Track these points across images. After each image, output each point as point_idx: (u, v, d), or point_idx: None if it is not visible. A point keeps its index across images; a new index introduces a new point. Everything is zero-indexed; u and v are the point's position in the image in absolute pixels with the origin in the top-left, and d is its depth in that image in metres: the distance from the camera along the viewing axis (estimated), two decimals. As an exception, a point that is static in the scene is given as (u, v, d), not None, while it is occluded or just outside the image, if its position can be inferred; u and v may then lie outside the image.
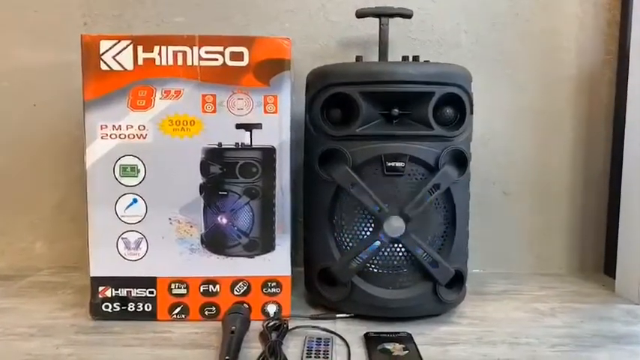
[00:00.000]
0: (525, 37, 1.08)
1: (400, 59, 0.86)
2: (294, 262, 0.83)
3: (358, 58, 0.85)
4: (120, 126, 0.78)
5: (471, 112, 0.83)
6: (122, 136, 0.78)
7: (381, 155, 0.77)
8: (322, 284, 0.83)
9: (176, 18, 1.08)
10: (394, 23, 0.98)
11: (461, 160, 0.81)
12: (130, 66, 0.77)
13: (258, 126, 0.78)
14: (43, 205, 1.12)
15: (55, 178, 1.11)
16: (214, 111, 0.78)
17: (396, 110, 0.79)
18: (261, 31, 1.08)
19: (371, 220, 0.79)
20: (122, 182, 0.79)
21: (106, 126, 0.78)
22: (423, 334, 0.77)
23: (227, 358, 0.64)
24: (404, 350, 0.69)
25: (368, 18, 0.96)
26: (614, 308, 0.90)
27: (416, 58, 0.85)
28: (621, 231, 0.97)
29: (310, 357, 0.68)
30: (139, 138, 0.78)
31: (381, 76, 0.78)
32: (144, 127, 0.78)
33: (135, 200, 0.79)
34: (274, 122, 0.79)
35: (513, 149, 1.11)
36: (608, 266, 1.10)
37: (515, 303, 0.92)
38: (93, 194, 0.79)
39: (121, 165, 0.79)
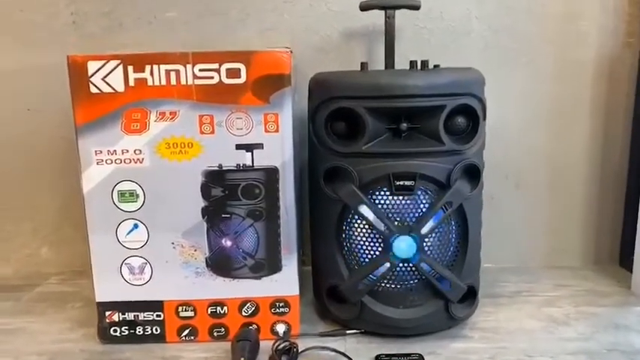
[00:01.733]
0: (541, 20, 1.01)
1: (408, 63, 0.81)
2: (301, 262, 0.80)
3: (363, 66, 0.80)
4: (115, 151, 0.75)
5: (484, 119, 0.78)
6: (118, 161, 0.75)
7: (389, 174, 0.74)
8: (331, 301, 0.82)
9: (168, 13, 1.02)
10: (401, 11, 0.91)
11: (474, 174, 0.77)
12: (120, 87, 0.73)
13: (259, 146, 0.75)
14: (45, 210, 1.10)
15: (55, 183, 1.09)
16: (212, 132, 0.74)
17: (405, 125, 0.74)
18: (259, 24, 1.02)
19: (380, 240, 0.76)
20: (121, 208, 0.76)
21: (101, 151, 0.75)
22: (435, 354, 0.76)
23: (237, 398, 0.63)
24: (416, 381, 0.68)
25: (373, 9, 0.90)
26: (630, 313, 0.88)
27: (425, 63, 0.79)
28: (640, 226, 0.94)
29: (321, 389, 0.67)
30: (136, 162, 0.75)
31: (388, 90, 0.73)
32: (140, 151, 0.75)
33: (136, 225, 0.77)
34: (276, 141, 0.75)
35: (527, 140, 1.06)
36: (624, 258, 1.07)
37: (528, 308, 0.91)
38: (92, 221, 0.77)
39: (119, 191, 0.76)
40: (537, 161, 1.07)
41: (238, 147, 0.75)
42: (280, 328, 0.81)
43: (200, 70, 0.73)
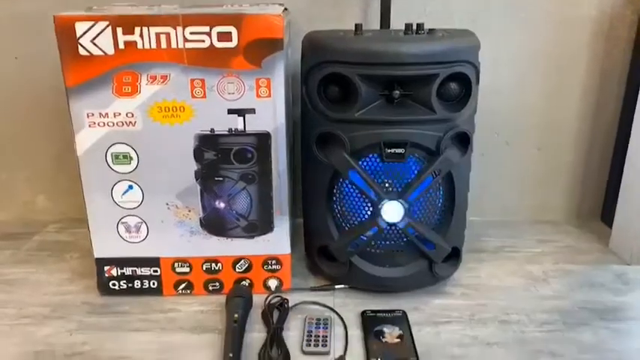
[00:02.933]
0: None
1: (403, 25, 0.79)
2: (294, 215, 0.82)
3: (357, 27, 0.78)
4: (107, 114, 0.75)
5: (477, 83, 0.78)
6: (111, 124, 0.75)
7: (380, 142, 0.75)
8: (322, 259, 0.85)
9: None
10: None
11: (464, 141, 0.78)
12: (110, 50, 0.72)
13: (251, 111, 0.75)
14: (40, 160, 1.11)
15: (49, 133, 1.08)
16: (204, 96, 0.74)
17: (397, 92, 0.74)
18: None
19: (369, 204, 0.79)
20: (116, 169, 0.77)
21: (93, 114, 0.75)
22: (418, 310, 0.81)
23: (230, 355, 0.67)
24: (397, 338, 0.73)
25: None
26: (606, 271, 0.93)
27: (420, 27, 0.78)
28: (624, 182, 0.96)
29: (310, 345, 0.72)
30: (128, 125, 0.75)
31: (382, 57, 0.72)
32: (132, 114, 0.75)
33: (131, 187, 0.79)
34: (268, 107, 0.75)
35: (520, 98, 1.06)
36: (605, 213, 1.11)
37: (509, 265, 0.95)
38: (87, 181, 0.78)
39: (112, 153, 0.77)
40: (529, 119, 1.07)
41: (230, 112, 0.75)
42: (272, 284, 0.85)
43: (191, 33, 0.71)
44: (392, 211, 0.77)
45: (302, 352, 0.71)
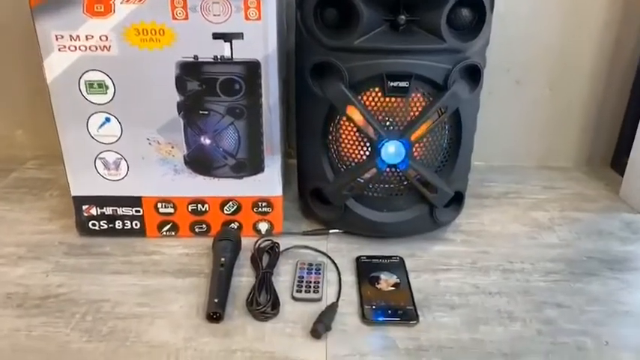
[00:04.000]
0: None
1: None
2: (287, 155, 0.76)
3: (360, -59, 0.69)
4: (78, 36, 0.67)
5: (492, 11, 0.70)
6: (82, 48, 0.67)
7: (382, 73, 0.67)
8: (315, 202, 0.80)
9: None
10: None
11: (474, 75, 0.71)
12: (78, -39, 0.63)
13: (239, 36, 0.67)
14: (17, 92, 1.04)
15: (25, 63, 1.00)
16: (186, 17, 0.66)
17: (403, 17, 0.66)
18: None
19: (368, 144, 0.72)
20: (90, 100, 0.70)
21: (62, 36, 0.67)
22: (415, 257, 0.76)
23: (216, 301, 0.63)
24: (393, 285, 0.69)
25: None
26: (614, 219, 0.88)
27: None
28: None
29: (300, 291, 0.67)
30: (103, 50, 0.68)
31: (386, -24, 0.63)
32: (106, 37, 0.67)
33: (107, 119, 0.72)
34: (258, 31, 0.67)
35: (535, 32, 0.98)
36: (616, 159, 1.05)
37: (513, 211, 0.90)
38: (60, 113, 0.72)
39: (86, 81, 0.69)
40: (543, 56, 1.00)
41: (215, 36, 0.67)
42: (263, 227, 0.80)
43: (169, -58, 0.62)
44: (392, 152, 0.71)
45: (292, 298, 0.67)
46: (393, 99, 0.69)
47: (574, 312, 0.66)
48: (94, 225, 0.79)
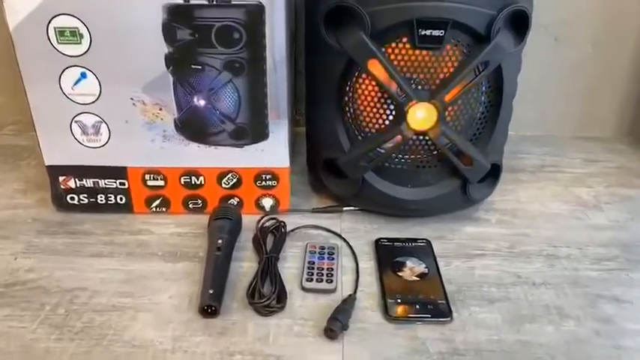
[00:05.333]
0: None
1: None
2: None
3: None
4: (43, -29, 0.55)
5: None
6: (49, -13, 0.56)
7: (412, 20, 0.55)
8: (328, 175, 0.69)
9: None
10: None
11: (521, 23, 0.59)
12: None
13: (239, -27, 0.55)
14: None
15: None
16: (174, -51, 0.54)
17: (439, -51, 0.54)
18: None
19: (392, 106, 0.61)
20: (62, 51, 0.59)
21: (24, -29, 0.55)
22: (445, 239, 0.66)
23: (211, 292, 0.53)
24: (419, 276, 0.58)
25: None
26: (669, 197, 0.77)
27: None
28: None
29: (311, 280, 0.57)
30: (74, -11, 0.56)
31: None
32: (77, -28, 0.55)
33: (83, 75, 0.61)
34: (262, -33, 0.55)
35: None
36: (664, 131, 0.94)
37: (553, 187, 0.79)
38: (27, 68, 0.60)
39: (56, 28, 0.58)
40: (585, 9, 0.87)
41: (210, -27, 0.55)
42: (267, 203, 0.69)
43: None
44: (421, 116, 0.60)
45: (301, 289, 0.57)
46: (423, 52, 0.57)
47: (636, 308, 0.55)
48: (72, 199, 0.68)
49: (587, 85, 0.93)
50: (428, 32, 0.56)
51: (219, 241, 0.59)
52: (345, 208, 0.70)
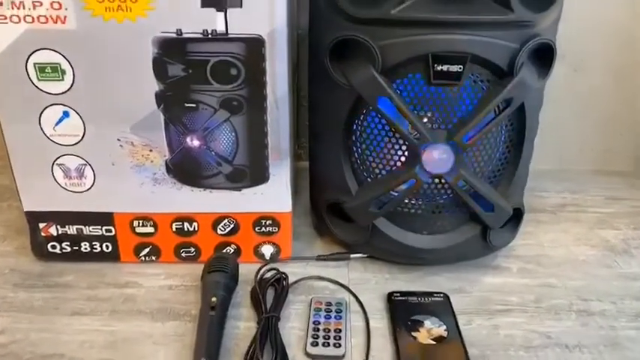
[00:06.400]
0: None
1: None
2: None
3: None
4: (22, 3, 0.50)
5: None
6: (29, 19, 0.51)
7: (427, 54, 0.50)
8: (333, 219, 0.63)
9: None
10: None
11: (545, 57, 0.54)
12: None
13: (236, 3, 0.50)
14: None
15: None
16: (166, -22, 0.49)
17: (457, -22, 0.49)
18: None
19: (405, 148, 0.55)
20: (42, 88, 0.54)
21: (1, 2, 0.50)
22: (463, 292, 0.60)
23: (203, 361, 0.46)
24: (439, 339, 0.51)
25: None
26: None
27: None
28: None
29: (317, 344, 0.51)
30: (56, 22, 0.51)
31: None
32: (59, 4, 0.50)
33: (66, 114, 0.55)
34: (262, -3, 0.50)
35: (597, 9, 0.80)
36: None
37: (576, 229, 0.73)
38: (4, 106, 0.55)
39: (36, 63, 0.53)
40: (606, 38, 0.82)
41: (205, 4, 0.50)
42: (267, 251, 0.63)
43: None
44: (438, 158, 0.54)
45: (305, 354, 0.50)
46: (440, 89, 0.52)
47: (687, 377, 0.49)
48: (53, 247, 0.62)
49: (606, 116, 0.88)
50: (445, 68, 0.50)
51: (214, 299, 0.53)
52: (352, 256, 0.64)
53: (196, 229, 0.61)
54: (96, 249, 0.62)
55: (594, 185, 0.86)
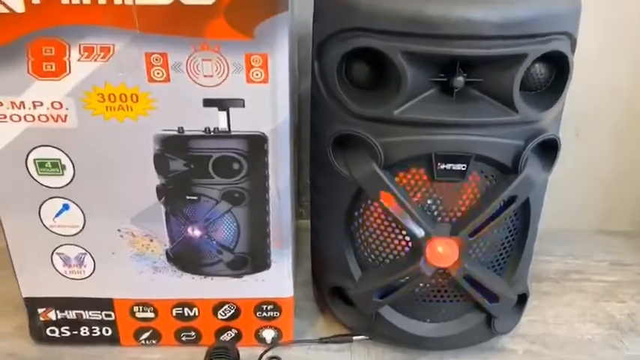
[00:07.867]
0: None
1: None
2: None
3: (401, -23, 0.51)
4: (23, 103, 0.50)
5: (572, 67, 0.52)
6: (29, 118, 0.50)
7: (430, 154, 0.50)
8: (336, 303, 0.62)
9: None
10: None
11: (549, 152, 0.53)
12: (19, 6, 0.46)
13: (239, 103, 0.50)
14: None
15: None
16: (167, 79, 0.49)
17: (461, 79, 0.49)
18: None
19: (408, 240, 0.55)
20: (42, 183, 0.53)
21: (1, 103, 0.50)
22: (468, 380, 0.58)
23: None
24: None
25: None
26: None
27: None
28: None
29: None
30: (57, 120, 0.51)
31: (441, 26, 0.46)
32: (60, 104, 0.50)
33: (66, 206, 0.55)
34: (264, 97, 0.50)
35: (599, 76, 0.81)
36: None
37: (580, 301, 0.72)
38: (3, 199, 0.54)
39: (35, 159, 0.52)
40: (608, 103, 0.82)
41: (207, 103, 0.50)
42: (268, 335, 0.62)
43: (143, -20, 0.45)
44: (441, 252, 0.53)
45: None
46: (445, 185, 0.52)
47: None
48: (52, 332, 0.62)
49: (609, 178, 0.88)
50: (448, 166, 0.50)
51: (215, 396, 0.52)
52: (355, 338, 0.64)
53: (197, 314, 0.61)
54: (95, 333, 0.62)
55: (598, 248, 0.85)
